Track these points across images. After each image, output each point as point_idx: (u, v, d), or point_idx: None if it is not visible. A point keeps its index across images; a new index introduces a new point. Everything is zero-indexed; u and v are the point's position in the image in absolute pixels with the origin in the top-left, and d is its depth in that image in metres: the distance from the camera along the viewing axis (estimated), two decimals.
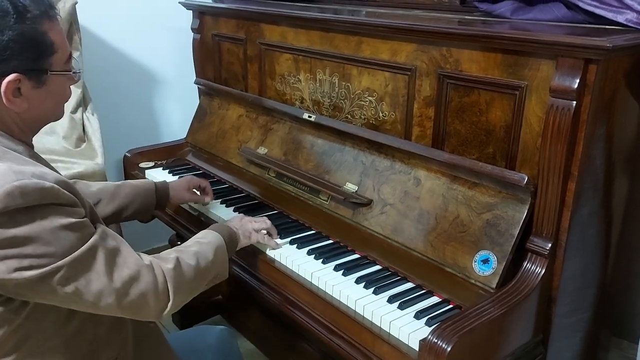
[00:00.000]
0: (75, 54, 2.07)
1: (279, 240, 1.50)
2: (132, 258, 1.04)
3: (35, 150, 1.09)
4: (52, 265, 0.92)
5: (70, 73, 1.06)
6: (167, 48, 2.60)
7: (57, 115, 1.10)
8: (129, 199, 1.50)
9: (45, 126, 1.11)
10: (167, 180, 1.68)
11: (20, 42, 0.94)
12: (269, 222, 1.50)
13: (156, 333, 1.30)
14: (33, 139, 1.09)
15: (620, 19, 1.27)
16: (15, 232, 0.89)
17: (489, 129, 1.34)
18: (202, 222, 1.70)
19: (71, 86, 1.11)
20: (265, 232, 1.48)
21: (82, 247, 0.95)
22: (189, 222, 1.75)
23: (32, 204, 0.90)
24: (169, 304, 1.09)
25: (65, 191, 0.95)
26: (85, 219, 0.98)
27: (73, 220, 0.94)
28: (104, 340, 1.11)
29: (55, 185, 0.93)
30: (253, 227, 1.44)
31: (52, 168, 1.05)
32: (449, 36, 1.35)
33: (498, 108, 1.31)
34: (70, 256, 0.93)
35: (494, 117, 1.32)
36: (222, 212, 1.69)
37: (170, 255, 1.15)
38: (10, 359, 0.99)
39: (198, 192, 1.71)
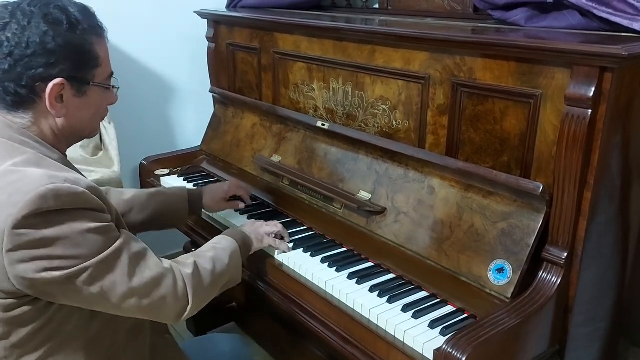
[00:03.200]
0: None
1: (290, 245, 1.51)
2: (153, 262, 1.08)
3: None
4: (79, 266, 0.96)
5: (110, 87, 1.13)
6: (183, 57, 2.62)
7: (93, 130, 1.16)
8: (161, 209, 1.51)
9: None
10: (201, 186, 1.67)
11: (68, 49, 1.01)
12: (280, 225, 1.52)
13: (172, 344, 1.31)
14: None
15: (635, 26, 1.26)
16: (46, 233, 0.93)
17: (503, 138, 1.34)
18: (215, 228, 1.71)
19: None
20: (276, 235, 1.50)
21: (108, 250, 0.99)
22: (201, 228, 1.78)
23: (63, 207, 0.94)
24: (188, 308, 1.13)
25: (95, 197, 0.99)
26: (111, 223, 1.02)
27: (100, 224, 0.99)
28: (122, 347, 1.14)
29: (87, 191, 0.97)
30: (265, 231, 1.47)
31: (82, 175, 1.09)
32: (463, 45, 1.35)
33: (513, 116, 1.30)
34: (97, 258, 0.97)
35: (508, 126, 1.32)
36: (236, 219, 1.69)
37: (188, 260, 1.19)
38: (32, 357, 1.03)
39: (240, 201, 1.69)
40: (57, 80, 1.01)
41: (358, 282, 1.35)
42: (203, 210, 1.64)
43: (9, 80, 0.99)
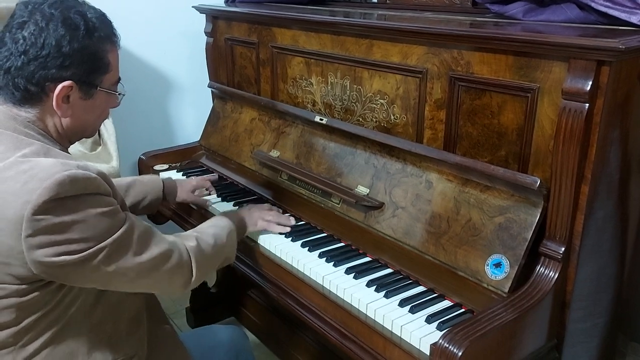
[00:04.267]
0: None
1: (287, 225, 1.57)
2: (160, 238, 1.15)
3: None
4: (95, 248, 1.00)
5: (116, 94, 1.19)
6: (181, 52, 2.62)
7: (93, 130, 1.21)
8: (140, 196, 1.60)
9: None
10: (174, 178, 1.78)
11: (82, 54, 1.05)
12: (277, 214, 1.60)
13: (171, 334, 1.33)
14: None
15: (633, 19, 1.25)
16: (65, 218, 0.96)
17: (501, 132, 1.33)
18: None
19: None
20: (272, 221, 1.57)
21: (120, 230, 1.04)
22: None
23: (79, 193, 0.98)
24: (192, 279, 1.20)
25: (104, 182, 1.04)
26: (117, 206, 1.07)
27: (110, 207, 1.04)
28: (123, 336, 1.17)
29: (98, 177, 1.02)
30: (259, 216, 1.56)
31: None
32: (460, 38, 1.34)
33: (510, 110, 1.30)
34: (110, 239, 1.02)
35: (506, 120, 1.31)
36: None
37: (190, 235, 1.27)
38: (38, 342, 1.06)
39: (205, 190, 1.81)
40: (67, 83, 1.05)
41: (355, 277, 1.35)
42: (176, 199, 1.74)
43: (20, 77, 1.03)
